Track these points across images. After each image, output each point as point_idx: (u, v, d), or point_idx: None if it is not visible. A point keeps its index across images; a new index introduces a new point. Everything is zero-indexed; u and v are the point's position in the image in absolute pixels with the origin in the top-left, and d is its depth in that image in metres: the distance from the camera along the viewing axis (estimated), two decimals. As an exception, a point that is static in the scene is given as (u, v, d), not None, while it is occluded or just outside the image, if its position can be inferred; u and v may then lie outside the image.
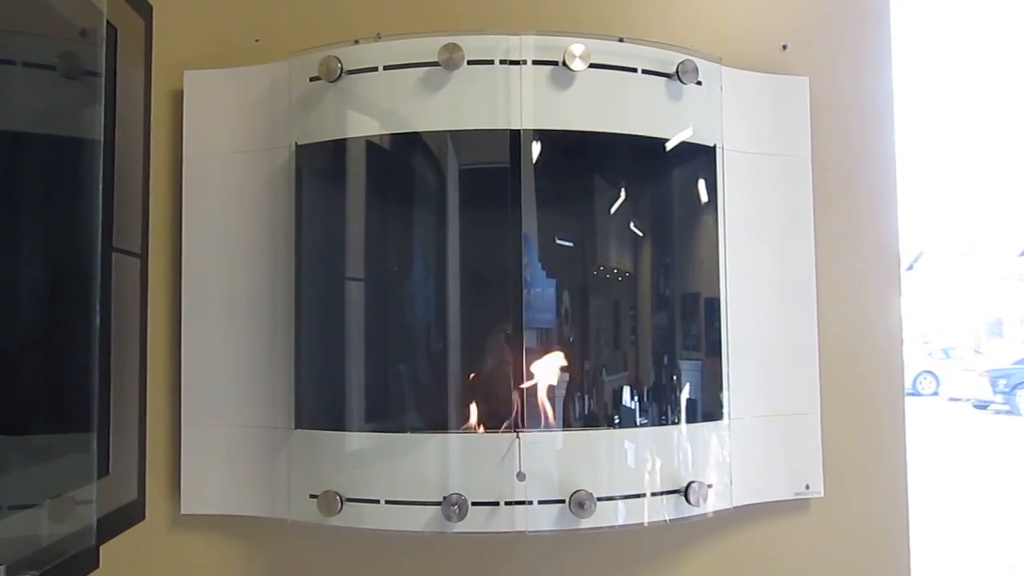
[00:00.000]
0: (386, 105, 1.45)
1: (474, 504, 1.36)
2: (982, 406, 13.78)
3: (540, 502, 1.38)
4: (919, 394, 15.78)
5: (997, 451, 9.40)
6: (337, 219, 1.53)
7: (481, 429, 1.42)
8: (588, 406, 1.49)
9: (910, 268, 23.50)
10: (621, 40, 1.46)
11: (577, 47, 1.40)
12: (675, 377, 1.52)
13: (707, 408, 1.52)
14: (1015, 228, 22.08)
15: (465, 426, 1.42)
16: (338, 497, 1.39)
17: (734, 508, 1.51)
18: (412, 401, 1.52)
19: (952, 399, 14.86)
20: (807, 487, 1.59)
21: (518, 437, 1.38)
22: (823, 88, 1.67)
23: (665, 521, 1.44)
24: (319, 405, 1.50)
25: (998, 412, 13.25)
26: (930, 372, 16.42)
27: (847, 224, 1.68)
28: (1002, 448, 9.64)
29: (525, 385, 1.40)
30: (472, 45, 1.40)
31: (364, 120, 1.46)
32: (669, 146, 1.49)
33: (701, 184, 1.54)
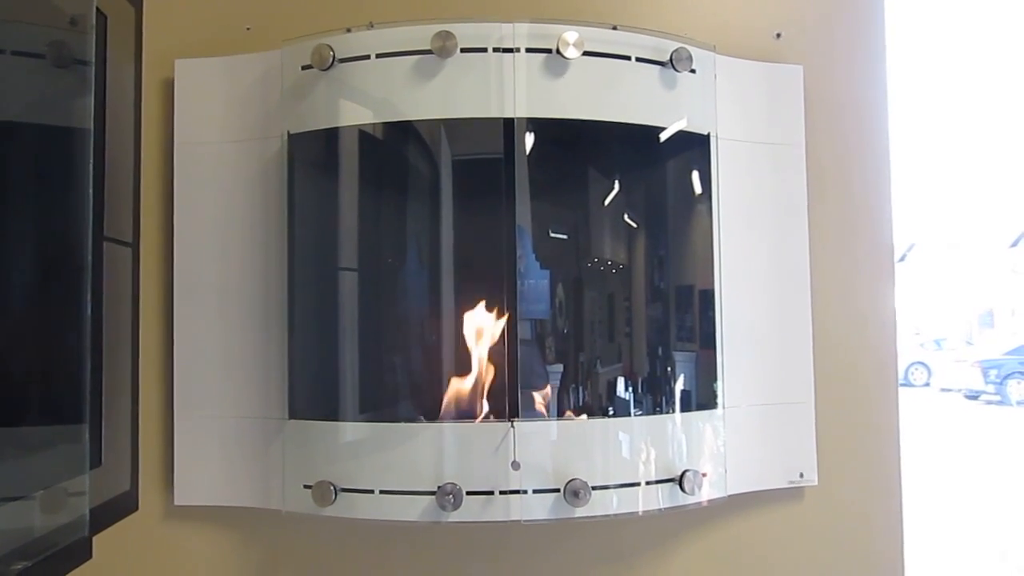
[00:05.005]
0: (379, 94, 1.44)
1: (469, 493, 1.36)
2: (973, 396, 13.88)
3: (535, 491, 1.38)
4: (911, 384, 15.88)
5: (988, 441, 9.47)
6: (330, 209, 1.52)
7: (475, 419, 1.41)
8: (583, 396, 1.49)
9: (902, 259, 23.58)
10: (615, 28, 1.45)
11: (571, 35, 1.39)
12: (669, 367, 1.52)
13: (701, 397, 1.52)
14: (1006, 220, 22.18)
15: (459, 416, 1.42)
16: (332, 487, 1.39)
17: (728, 496, 1.51)
18: (406, 391, 1.52)
19: (944, 389, 14.96)
20: (801, 475, 1.60)
21: (512, 427, 1.38)
22: (817, 77, 1.66)
23: (660, 510, 1.44)
24: (313, 395, 1.49)
25: (989, 402, 13.34)
26: (922, 363, 16.53)
27: (841, 214, 1.68)
28: (993, 437, 9.70)
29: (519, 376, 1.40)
30: (465, 33, 1.40)
31: (357, 109, 1.45)
32: (664, 135, 1.48)
33: (695, 173, 1.53)
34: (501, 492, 1.38)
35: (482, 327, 1.45)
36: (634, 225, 1.56)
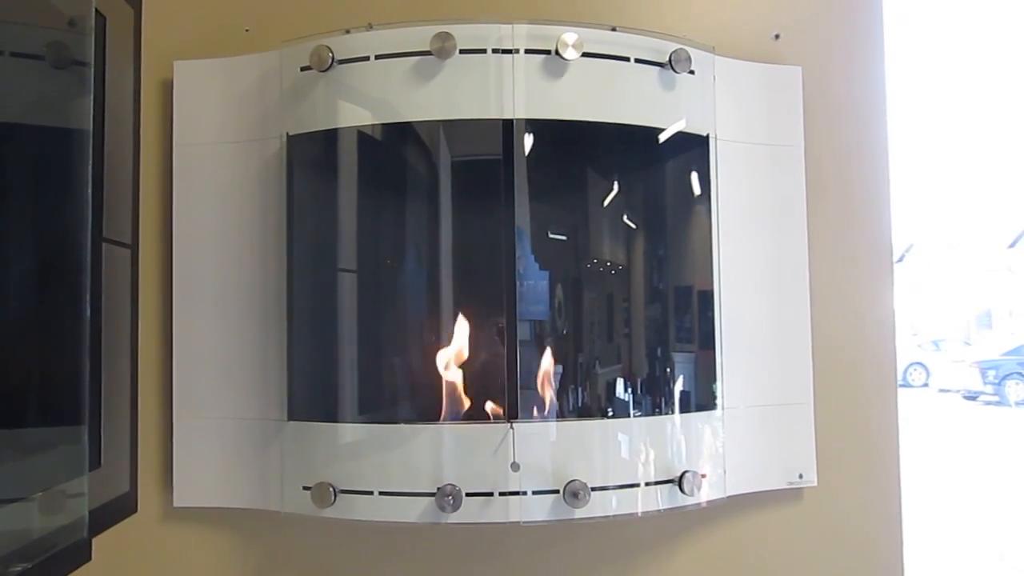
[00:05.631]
0: (378, 95, 1.44)
1: (468, 495, 1.36)
2: (972, 397, 13.91)
3: (534, 492, 1.38)
4: (910, 385, 15.91)
5: (987, 441, 9.48)
6: (329, 210, 1.52)
7: (475, 420, 1.41)
8: (582, 397, 1.49)
9: (900, 260, 23.60)
10: (614, 29, 1.45)
11: (570, 36, 1.39)
12: (668, 368, 1.52)
13: (700, 398, 1.52)
14: (1004, 220, 22.21)
15: (458, 417, 1.42)
16: (331, 489, 1.39)
17: (728, 497, 1.51)
18: (405, 392, 1.52)
19: (942, 390, 14.99)
20: (800, 476, 1.60)
21: (512, 428, 1.38)
22: (816, 78, 1.67)
23: (659, 511, 1.44)
24: (312, 397, 1.49)
25: (988, 403, 13.36)
26: (920, 363, 16.55)
27: (840, 215, 1.69)
28: (992, 438, 9.71)
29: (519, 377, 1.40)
30: (464, 34, 1.39)
31: (355, 110, 1.45)
32: (663, 136, 1.48)
33: (694, 174, 1.53)
34: (500, 493, 1.38)
35: (481, 328, 1.45)
36: (633, 226, 1.56)
